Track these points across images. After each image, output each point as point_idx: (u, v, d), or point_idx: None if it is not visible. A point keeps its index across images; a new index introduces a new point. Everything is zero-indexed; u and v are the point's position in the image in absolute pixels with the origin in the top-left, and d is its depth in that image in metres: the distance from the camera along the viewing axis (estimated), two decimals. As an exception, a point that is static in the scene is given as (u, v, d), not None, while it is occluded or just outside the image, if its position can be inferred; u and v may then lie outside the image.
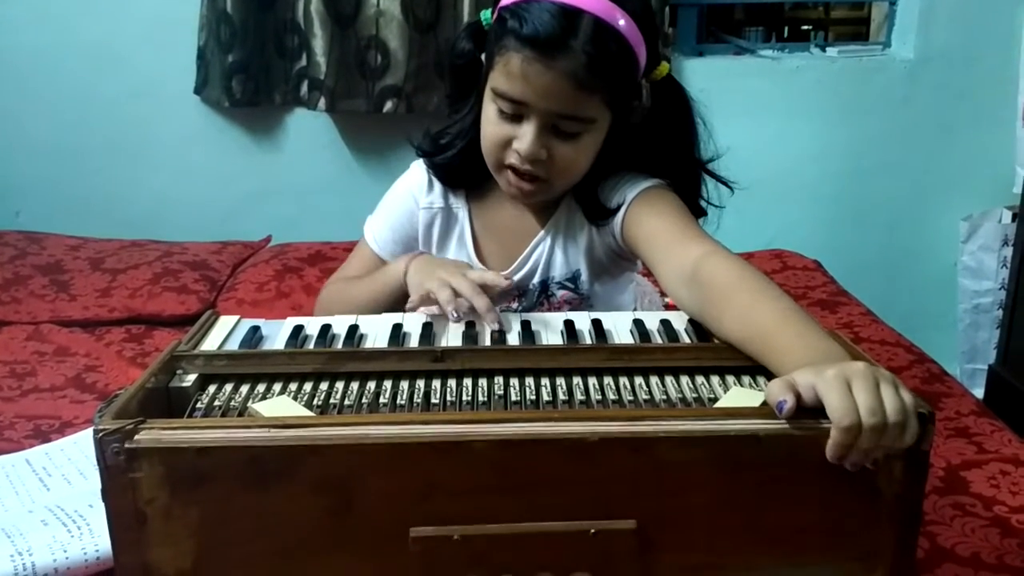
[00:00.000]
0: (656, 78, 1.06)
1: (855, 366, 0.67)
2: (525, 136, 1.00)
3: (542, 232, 1.14)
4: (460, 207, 1.17)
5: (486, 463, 0.66)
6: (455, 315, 0.92)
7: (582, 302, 1.15)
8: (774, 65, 2.34)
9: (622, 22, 0.96)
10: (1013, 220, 2.25)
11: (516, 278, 1.14)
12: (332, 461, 0.66)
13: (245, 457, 0.66)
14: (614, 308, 1.17)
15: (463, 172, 1.13)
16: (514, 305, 1.15)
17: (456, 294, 0.93)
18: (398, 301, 1.06)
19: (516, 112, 1.00)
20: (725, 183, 1.13)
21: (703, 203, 1.14)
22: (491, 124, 1.03)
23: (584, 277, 1.14)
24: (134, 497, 0.66)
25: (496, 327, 0.91)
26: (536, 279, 1.14)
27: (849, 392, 0.65)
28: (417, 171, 1.18)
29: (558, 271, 1.14)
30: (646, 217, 1.04)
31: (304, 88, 2.18)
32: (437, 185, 1.17)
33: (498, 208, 1.16)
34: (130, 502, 0.66)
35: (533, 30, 0.95)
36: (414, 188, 1.18)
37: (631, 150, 1.09)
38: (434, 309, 0.96)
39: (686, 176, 1.11)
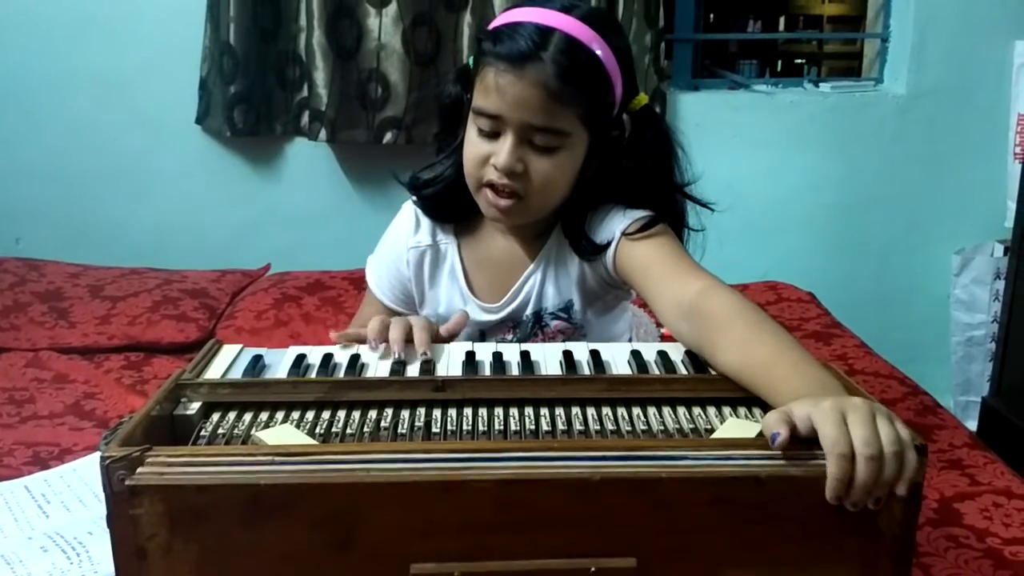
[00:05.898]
0: (635, 108, 1.09)
1: (852, 400, 0.68)
2: (502, 149, 1.02)
3: (532, 264, 1.15)
4: (448, 243, 1.18)
5: (487, 501, 0.66)
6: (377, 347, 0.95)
7: (576, 331, 1.16)
8: (768, 99, 2.37)
9: (595, 44, 1.01)
10: (1005, 254, 2.27)
11: (508, 310, 1.16)
12: (332, 498, 0.66)
13: (245, 494, 0.65)
14: (608, 337, 1.18)
15: (450, 205, 1.15)
16: (508, 336, 1.17)
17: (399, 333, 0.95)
18: None
19: (494, 129, 1.03)
20: (705, 205, 1.14)
21: (688, 230, 1.14)
22: (471, 144, 1.06)
23: (577, 307, 1.15)
24: (135, 533, 0.66)
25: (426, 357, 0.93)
26: (529, 310, 1.16)
27: (844, 423, 0.66)
28: (405, 213, 1.21)
29: (550, 302, 1.15)
30: (640, 251, 1.06)
31: (305, 119, 2.21)
32: (424, 224, 1.18)
33: (488, 241, 1.17)
34: (131, 538, 0.66)
35: (506, 47, 1.00)
36: (403, 233, 1.20)
37: (614, 179, 1.10)
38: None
39: (667, 203, 1.12)
